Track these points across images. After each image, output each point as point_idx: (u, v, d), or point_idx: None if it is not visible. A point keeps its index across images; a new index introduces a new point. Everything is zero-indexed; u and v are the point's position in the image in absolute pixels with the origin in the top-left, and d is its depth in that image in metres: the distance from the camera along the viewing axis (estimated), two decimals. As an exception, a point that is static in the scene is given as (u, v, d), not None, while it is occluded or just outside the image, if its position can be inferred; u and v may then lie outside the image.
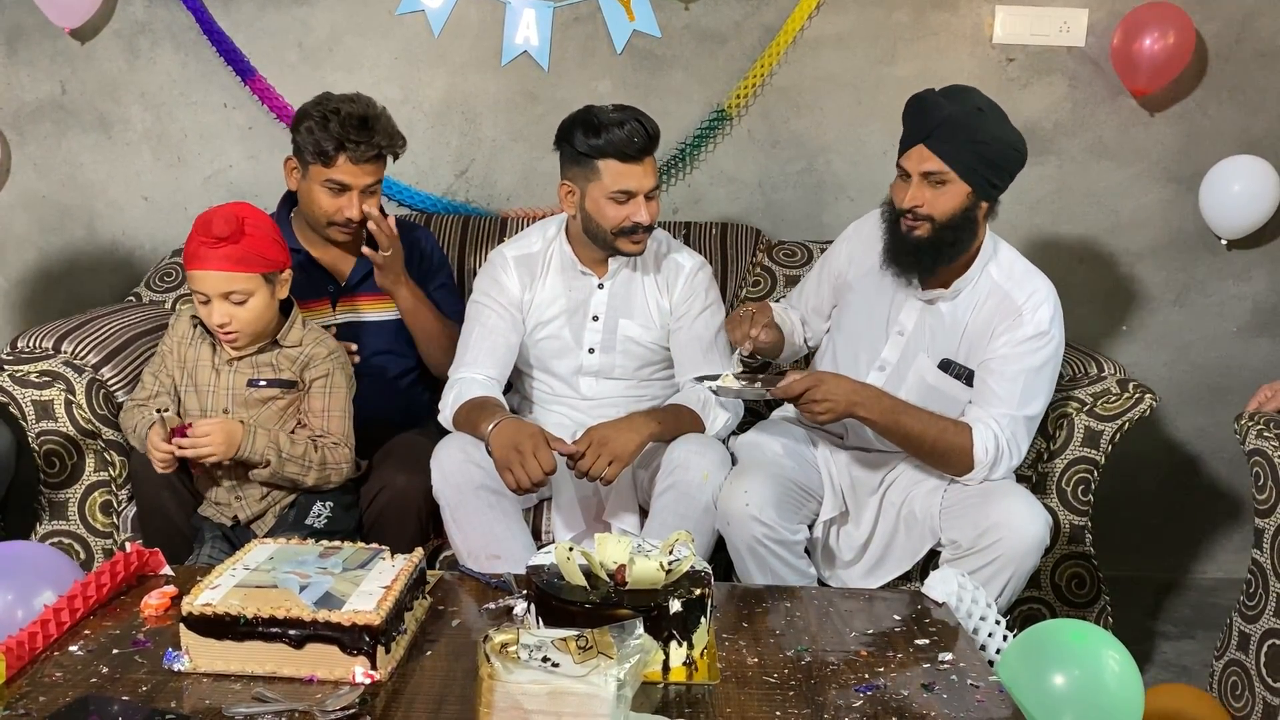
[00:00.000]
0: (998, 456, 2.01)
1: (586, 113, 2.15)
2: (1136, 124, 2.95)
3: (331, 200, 2.23)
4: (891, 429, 2.03)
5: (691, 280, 2.31)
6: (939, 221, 2.01)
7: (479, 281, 2.32)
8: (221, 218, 1.94)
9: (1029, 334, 2.03)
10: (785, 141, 2.99)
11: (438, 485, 2.06)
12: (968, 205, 2.01)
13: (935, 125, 1.99)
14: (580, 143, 2.12)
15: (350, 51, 2.94)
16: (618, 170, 2.12)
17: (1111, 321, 3.07)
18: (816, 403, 2.00)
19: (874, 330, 2.18)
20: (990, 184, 2.01)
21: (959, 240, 2.03)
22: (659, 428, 2.09)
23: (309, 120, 2.20)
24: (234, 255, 1.93)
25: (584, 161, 2.13)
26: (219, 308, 1.95)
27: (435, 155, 3.00)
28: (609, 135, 2.10)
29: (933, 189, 2.01)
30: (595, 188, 2.14)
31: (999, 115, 2.02)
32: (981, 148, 1.98)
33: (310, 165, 2.21)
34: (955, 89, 2.04)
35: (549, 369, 2.33)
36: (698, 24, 2.92)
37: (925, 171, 2.01)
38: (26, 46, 2.92)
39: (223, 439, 1.91)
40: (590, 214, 2.16)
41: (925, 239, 2.04)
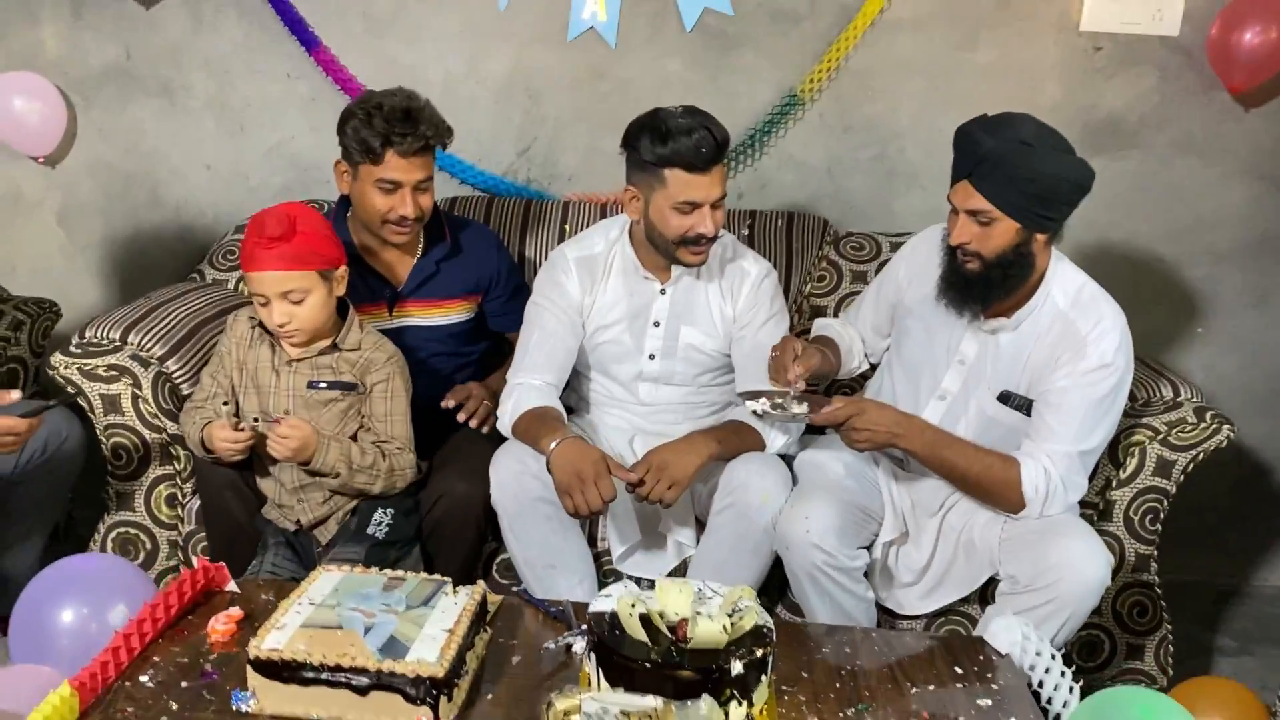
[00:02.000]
0: (1049, 494, 1.96)
1: (654, 118, 2.09)
2: (1228, 120, 2.82)
3: (385, 199, 2.20)
4: (935, 462, 2.00)
5: (757, 288, 2.26)
6: (988, 259, 1.94)
7: (539, 283, 2.29)
8: (274, 218, 1.93)
9: (1092, 365, 1.95)
10: (858, 127, 2.90)
11: (496, 496, 2.06)
12: (1019, 241, 1.93)
13: (977, 161, 1.91)
14: (647, 150, 2.06)
15: (414, 22, 2.88)
16: (684, 180, 2.06)
17: (1186, 322, 2.98)
18: (857, 431, 1.97)
19: (935, 359, 2.13)
20: (1043, 218, 1.92)
21: (1011, 277, 1.96)
22: (719, 447, 2.07)
23: (353, 120, 2.18)
24: (289, 254, 1.93)
25: (650, 169, 2.08)
26: (278, 307, 1.95)
27: (497, 132, 2.95)
28: (676, 144, 2.04)
29: (980, 226, 1.93)
30: (660, 196, 2.09)
31: (1050, 146, 1.90)
32: (1028, 185, 1.88)
33: (360, 165, 2.19)
34: (1002, 120, 1.94)
35: (608, 372, 2.31)
36: (772, 2, 2.82)
37: (970, 209, 1.93)
38: (91, 10, 2.89)
39: (298, 444, 1.92)
40: (654, 222, 2.12)
41: (978, 274, 1.97)
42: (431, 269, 2.33)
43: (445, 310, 2.36)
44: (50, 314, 2.55)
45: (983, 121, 1.96)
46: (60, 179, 3.02)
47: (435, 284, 2.34)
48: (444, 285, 2.35)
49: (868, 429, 1.97)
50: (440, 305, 2.35)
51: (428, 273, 2.33)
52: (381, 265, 2.33)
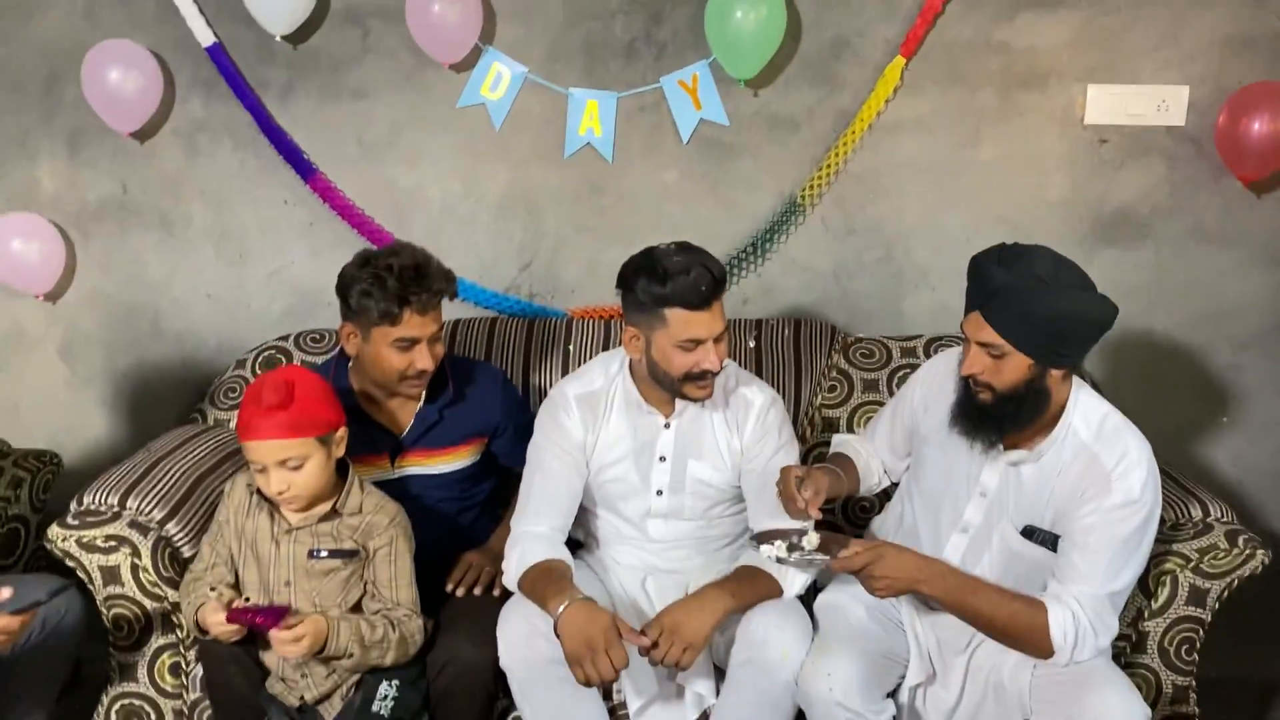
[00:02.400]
0: (1078, 639, 1.87)
1: (649, 259, 2.04)
2: (1242, 206, 2.76)
3: (402, 357, 2.16)
4: (959, 608, 1.92)
5: (763, 419, 2.20)
6: (1000, 392, 1.88)
7: (539, 423, 2.24)
8: (270, 386, 1.89)
9: (1118, 502, 1.87)
10: (861, 229, 2.85)
11: (505, 659, 2.00)
12: (1032, 376, 1.87)
13: (989, 295, 1.85)
14: (644, 292, 2.02)
15: (411, 145, 2.86)
16: (686, 319, 2.01)
17: (1211, 412, 2.90)
18: (875, 579, 1.89)
19: (955, 490, 2.06)
20: (1057, 354, 1.86)
21: (1024, 412, 1.90)
22: (733, 602, 2.00)
23: (360, 285, 2.13)
24: (286, 422, 1.88)
25: (649, 309, 2.03)
26: (275, 475, 1.91)
27: (499, 249, 2.92)
28: (675, 284, 1.99)
29: (993, 359, 1.87)
30: (662, 336, 2.04)
31: (1067, 281, 1.84)
32: (1041, 322, 1.82)
33: (373, 328, 2.14)
34: (1018, 252, 1.88)
35: (615, 510, 2.25)
36: (768, 110, 2.79)
37: (982, 341, 1.87)
38: (87, 146, 2.89)
39: (312, 640, 1.87)
40: (657, 361, 2.07)
41: (990, 405, 1.91)
42: (435, 417, 2.28)
43: (450, 457, 2.31)
44: (51, 467, 2.52)
45: (997, 253, 1.90)
46: (61, 314, 3.00)
47: (439, 432, 2.29)
48: (448, 433, 2.30)
49: (887, 576, 1.90)
50: (445, 453, 2.30)
51: (431, 421, 2.28)
52: (383, 416, 2.28)
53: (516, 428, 2.36)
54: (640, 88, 2.78)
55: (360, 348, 2.19)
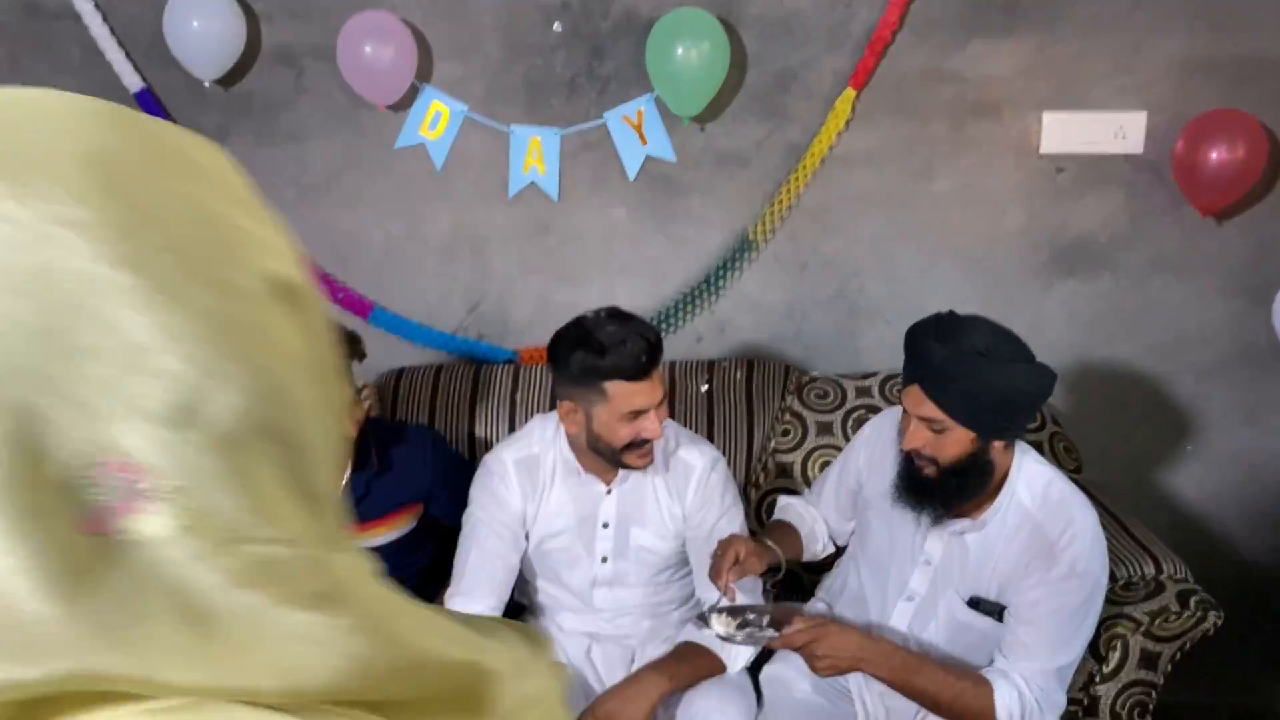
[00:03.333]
0: (1024, 718, 1.83)
1: (581, 331, 1.96)
2: (1202, 234, 2.69)
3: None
4: (903, 688, 1.87)
5: (704, 484, 2.14)
6: (943, 467, 1.83)
7: (475, 492, 2.16)
8: None
9: (1063, 574, 1.82)
10: (815, 264, 2.78)
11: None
12: (975, 450, 1.82)
13: (928, 371, 1.79)
14: (580, 366, 1.94)
15: (350, 188, 2.78)
16: (627, 391, 1.94)
17: (1175, 441, 2.85)
18: (819, 658, 1.85)
19: (899, 557, 2.01)
20: (999, 427, 1.81)
21: (968, 485, 1.85)
22: (669, 684, 1.95)
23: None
24: None
25: (587, 383, 1.96)
26: None
27: (445, 290, 2.85)
28: (614, 357, 1.91)
29: (934, 434, 1.82)
30: (603, 410, 1.97)
31: (1007, 354, 1.78)
32: (983, 396, 1.76)
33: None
34: (955, 325, 1.81)
35: (559, 580, 2.19)
36: (715, 146, 2.71)
37: (922, 416, 1.82)
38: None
39: None
40: (599, 434, 2.00)
41: (934, 480, 1.86)
42: (361, 490, 2.20)
43: (383, 529, 2.24)
44: None
45: (933, 326, 1.84)
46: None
47: (367, 505, 2.21)
48: (377, 504, 2.22)
49: (830, 656, 1.85)
50: (375, 525, 2.23)
51: (357, 495, 2.21)
52: None
53: (453, 491, 2.27)
54: (584, 124, 2.70)
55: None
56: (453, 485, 2.29)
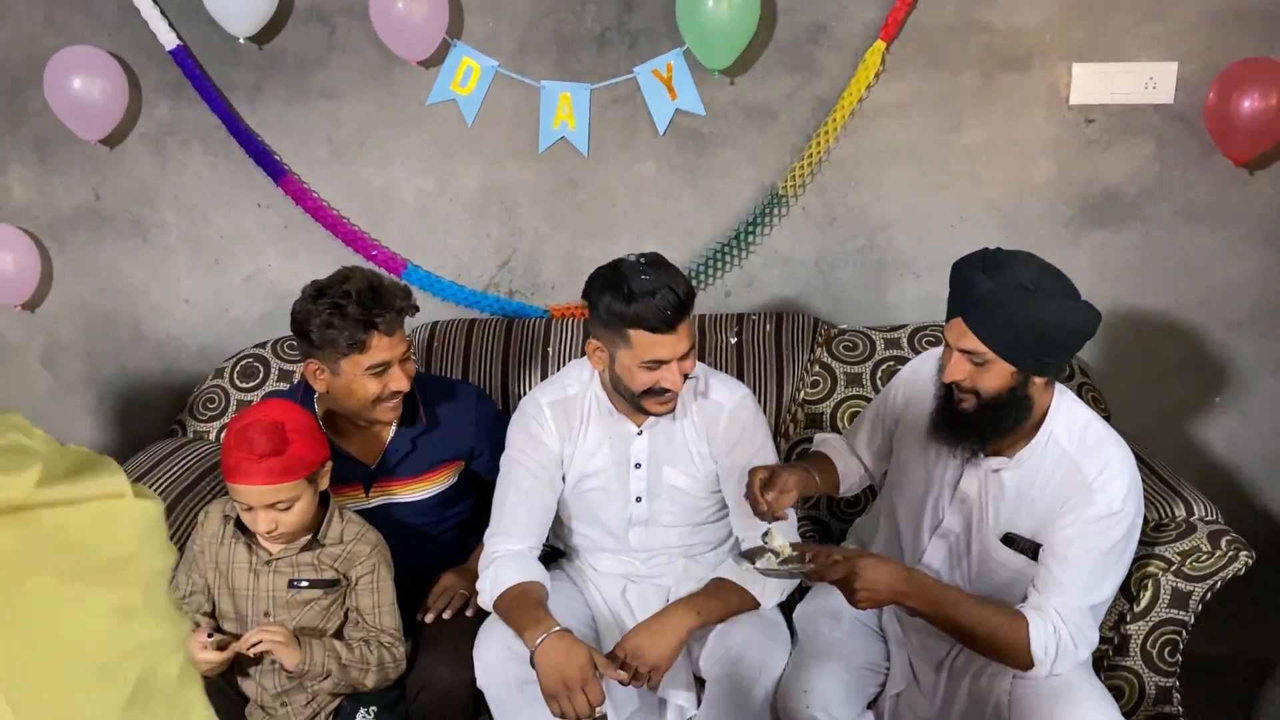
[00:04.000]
0: (1059, 653, 1.85)
1: (615, 274, 1.98)
2: (1233, 185, 2.69)
3: (376, 382, 2.10)
4: (940, 621, 1.90)
5: (732, 420, 2.15)
6: (984, 399, 1.85)
7: (513, 434, 2.19)
8: (263, 433, 1.84)
9: (1100, 514, 1.84)
10: (844, 218, 2.80)
11: (481, 680, 1.99)
12: (1015, 384, 1.83)
13: (972, 303, 1.81)
14: (608, 310, 1.96)
15: (381, 145, 2.81)
16: (650, 341, 1.96)
17: (1205, 393, 2.86)
18: (856, 590, 1.87)
19: (935, 495, 2.03)
20: (1040, 362, 1.82)
21: (1005, 419, 1.86)
22: (698, 620, 1.98)
23: (317, 319, 2.04)
24: (278, 468, 1.86)
25: (613, 327, 1.98)
26: (264, 516, 1.89)
27: (476, 247, 2.87)
28: (639, 306, 1.93)
29: (974, 366, 1.84)
30: (625, 355, 1.99)
31: (1052, 289, 1.79)
32: (1026, 329, 1.77)
33: (342, 360, 2.08)
34: (1002, 259, 1.83)
35: (596, 520, 2.22)
36: (745, 99, 2.72)
37: (964, 349, 1.83)
38: (56, 155, 2.85)
39: (285, 639, 1.88)
40: (619, 376, 2.03)
41: (972, 413, 1.87)
42: (407, 447, 2.23)
43: (426, 484, 2.27)
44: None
45: (980, 260, 1.85)
46: (41, 322, 2.99)
47: (412, 460, 2.24)
48: (422, 459, 2.25)
49: (867, 588, 1.87)
50: (420, 480, 2.26)
51: (404, 451, 2.23)
52: (354, 446, 2.23)
53: (494, 448, 2.28)
54: (614, 79, 2.71)
55: (330, 383, 2.12)
56: (494, 442, 2.30)
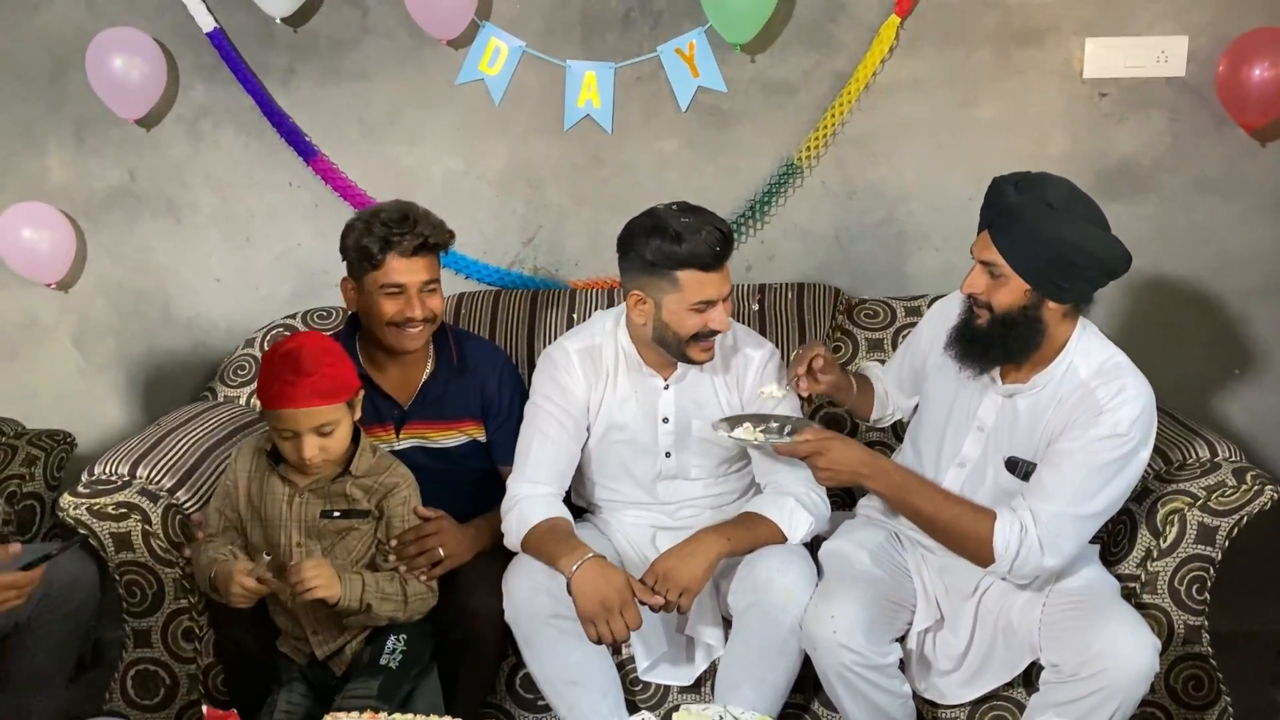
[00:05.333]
0: (1021, 551, 1.85)
1: (656, 220, 2.03)
2: (1246, 156, 2.74)
3: (392, 304, 2.17)
4: (901, 506, 1.95)
5: (761, 372, 2.20)
6: (997, 314, 1.88)
7: (539, 380, 2.22)
8: (304, 354, 1.90)
9: (1104, 433, 1.85)
10: (862, 191, 2.85)
11: (509, 614, 2.01)
12: (1027, 304, 1.87)
13: (997, 214, 1.86)
14: (656, 253, 1.99)
15: (411, 124, 2.89)
16: (699, 280, 2.01)
17: (1222, 364, 2.88)
18: (820, 469, 1.93)
19: (955, 424, 2.06)
20: (1056, 286, 1.85)
21: (1013, 338, 1.89)
22: (728, 545, 2.00)
23: (353, 233, 2.18)
24: (322, 388, 1.90)
25: (659, 272, 2.01)
26: (310, 442, 1.91)
27: (501, 224, 2.93)
28: (690, 245, 1.97)
29: (992, 279, 1.88)
30: (673, 299, 2.03)
31: (1078, 215, 1.83)
32: (1043, 246, 1.82)
33: (364, 277, 2.16)
34: (1036, 179, 1.88)
35: (626, 473, 2.23)
36: (765, 76, 2.79)
37: (984, 260, 1.88)
38: (94, 136, 2.93)
39: (329, 577, 1.89)
40: (667, 323, 2.05)
41: (984, 329, 1.91)
42: (439, 390, 2.28)
43: (453, 433, 2.30)
44: (65, 446, 2.55)
45: (1017, 177, 1.91)
46: (73, 303, 3.04)
47: (443, 405, 2.28)
48: (451, 406, 2.29)
49: (831, 468, 1.94)
50: (448, 427, 2.30)
51: (435, 393, 2.28)
52: (389, 385, 2.28)
53: (512, 416, 2.30)
54: (637, 57, 2.79)
55: (358, 301, 2.22)
56: (512, 410, 2.32)
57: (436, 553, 2.05)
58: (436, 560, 2.05)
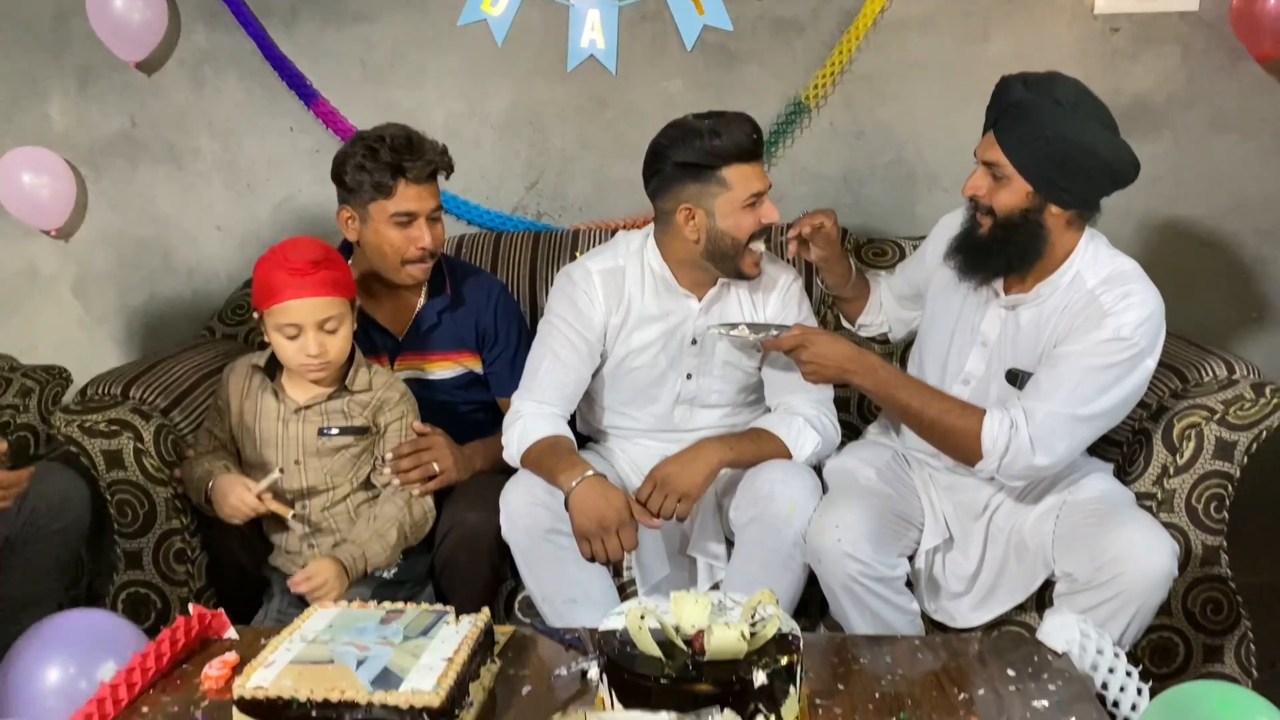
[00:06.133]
0: (1010, 449, 1.79)
1: (686, 127, 1.99)
2: (1262, 92, 2.69)
3: (403, 234, 2.11)
4: (888, 403, 1.90)
5: (785, 293, 2.16)
6: (998, 218, 1.83)
7: (556, 298, 2.15)
8: (308, 243, 1.87)
9: (1106, 336, 1.78)
10: (870, 132, 2.81)
11: (507, 530, 1.95)
12: (1029, 206, 1.81)
13: (1002, 112, 1.81)
14: (700, 154, 1.95)
15: (413, 67, 2.86)
16: (746, 174, 1.98)
17: (1240, 307, 2.81)
18: (805, 364, 1.89)
19: (959, 341, 2.01)
20: (1059, 188, 1.79)
21: (1014, 243, 1.84)
22: (730, 454, 1.95)
23: (353, 160, 2.09)
24: (328, 280, 1.86)
25: (705, 175, 1.97)
26: (314, 339, 1.86)
27: (505, 168, 2.90)
28: (730, 137, 1.95)
29: (994, 181, 1.83)
30: (725, 201, 1.98)
31: (1086, 114, 1.78)
32: (1048, 144, 1.76)
33: (370, 205, 2.10)
34: (1046, 76, 1.83)
35: (643, 397, 2.17)
36: (771, 13, 2.75)
37: (986, 161, 1.83)
38: (95, 82, 2.91)
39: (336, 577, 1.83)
40: (725, 231, 1.99)
41: (985, 236, 1.86)
42: (433, 320, 2.23)
43: (448, 364, 2.26)
44: (60, 380, 2.51)
45: (1025, 75, 1.86)
46: (74, 252, 3.01)
47: (437, 336, 2.24)
48: (446, 338, 2.25)
49: (815, 362, 1.90)
50: (443, 358, 2.26)
51: (430, 324, 2.23)
52: (384, 314, 2.24)
53: (510, 350, 2.27)
54: (642, -6, 2.76)
55: (360, 232, 2.16)
56: (509, 342, 2.28)
57: (431, 467, 2.00)
58: (431, 475, 2.00)
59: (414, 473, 1.99)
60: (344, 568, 1.85)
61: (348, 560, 1.85)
